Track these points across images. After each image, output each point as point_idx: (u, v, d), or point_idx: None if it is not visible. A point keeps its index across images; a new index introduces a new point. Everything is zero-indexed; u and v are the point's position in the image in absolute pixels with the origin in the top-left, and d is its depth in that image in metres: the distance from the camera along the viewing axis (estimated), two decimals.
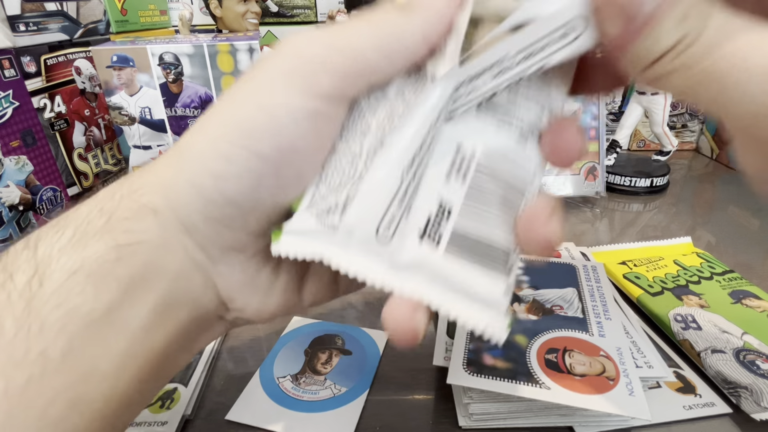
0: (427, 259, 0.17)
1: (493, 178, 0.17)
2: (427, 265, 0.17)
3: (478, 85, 0.17)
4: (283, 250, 0.17)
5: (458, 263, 0.17)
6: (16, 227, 0.41)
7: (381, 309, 0.18)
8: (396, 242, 0.17)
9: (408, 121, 0.17)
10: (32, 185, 0.42)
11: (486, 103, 0.17)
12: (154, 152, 0.45)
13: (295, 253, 0.17)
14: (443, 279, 0.17)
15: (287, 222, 0.18)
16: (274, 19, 0.74)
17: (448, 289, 0.17)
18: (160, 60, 0.42)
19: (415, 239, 0.17)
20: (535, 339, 0.28)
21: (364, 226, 0.17)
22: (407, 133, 0.17)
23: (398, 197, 0.17)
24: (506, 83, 0.16)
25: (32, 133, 0.42)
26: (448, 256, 0.17)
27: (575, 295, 0.32)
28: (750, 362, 0.29)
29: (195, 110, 0.45)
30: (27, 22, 0.43)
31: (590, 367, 0.26)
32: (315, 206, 0.18)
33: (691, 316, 0.34)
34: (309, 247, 0.17)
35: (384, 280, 0.17)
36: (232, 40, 0.43)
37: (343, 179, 0.18)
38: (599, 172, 0.55)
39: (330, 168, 0.18)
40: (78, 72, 0.50)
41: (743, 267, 0.42)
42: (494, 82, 0.17)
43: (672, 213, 0.56)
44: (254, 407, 0.28)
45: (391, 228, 0.17)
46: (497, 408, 0.26)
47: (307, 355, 0.32)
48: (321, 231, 0.17)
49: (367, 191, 0.17)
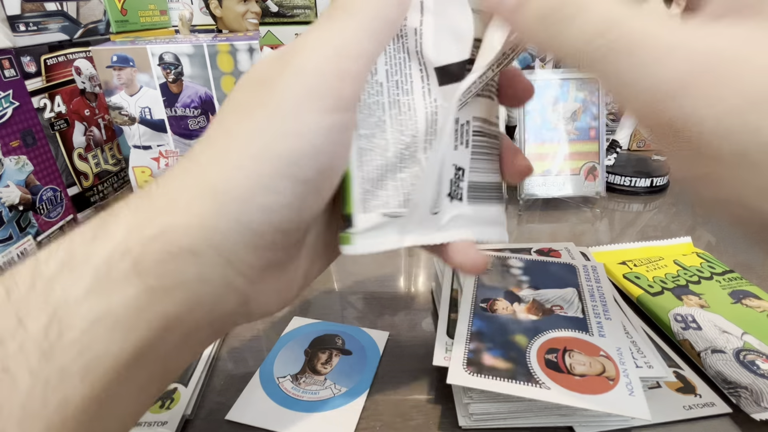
0: (458, 212, 0.23)
1: (483, 136, 0.23)
2: (460, 216, 0.23)
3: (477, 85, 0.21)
4: (362, 250, 0.21)
5: (476, 206, 0.24)
6: (16, 227, 0.41)
7: (381, 309, 0.19)
8: (440, 211, 0.22)
9: (417, 112, 0.20)
10: (32, 185, 0.43)
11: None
12: (154, 152, 0.45)
13: (375, 249, 0.21)
14: (471, 220, 0.23)
15: (352, 227, 0.20)
16: (274, 19, 0.74)
17: (476, 225, 0.24)
18: (160, 60, 0.42)
19: (447, 202, 0.22)
20: (535, 339, 0.28)
21: (422, 209, 0.21)
22: (421, 123, 0.20)
23: (436, 178, 0.21)
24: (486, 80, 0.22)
25: (32, 133, 0.43)
26: (469, 204, 0.23)
27: (575, 295, 0.32)
28: (750, 362, 0.29)
29: (195, 110, 0.45)
30: (27, 22, 0.43)
31: (590, 367, 0.26)
32: (371, 205, 0.21)
33: (691, 316, 0.34)
34: (385, 240, 0.21)
35: (440, 238, 0.22)
36: (232, 40, 0.43)
37: (382, 173, 0.20)
38: (599, 172, 0.55)
39: (363, 166, 0.20)
40: (78, 72, 0.50)
41: (743, 267, 0.42)
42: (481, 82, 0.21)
43: (672, 213, 0.56)
44: (254, 407, 0.28)
45: (437, 203, 0.22)
46: (497, 408, 0.26)
47: (307, 355, 0.32)
48: (388, 223, 0.21)
49: (416, 182, 0.21)
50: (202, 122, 0.45)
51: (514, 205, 0.56)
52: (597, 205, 0.56)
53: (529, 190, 0.55)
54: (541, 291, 0.33)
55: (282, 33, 0.75)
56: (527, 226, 0.53)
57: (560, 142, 0.55)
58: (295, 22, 0.75)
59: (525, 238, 0.50)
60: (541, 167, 0.55)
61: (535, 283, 0.34)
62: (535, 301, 0.32)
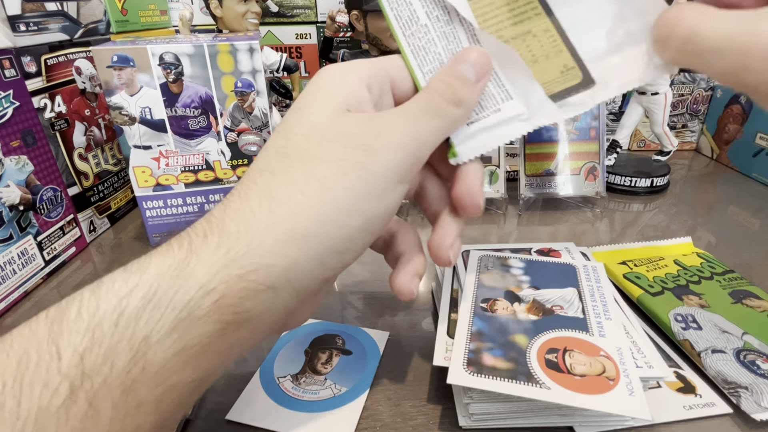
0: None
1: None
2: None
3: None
4: (466, 158, 0.24)
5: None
6: (16, 227, 0.41)
7: (381, 309, 0.20)
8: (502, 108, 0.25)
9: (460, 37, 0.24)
10: (32, 185, 0.43)
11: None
12: (154, 152, 0.45)
13: (476, 154, 0.24)
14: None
15: (453, 139, 0.24)
16: (275, 19, 0.74)
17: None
18: (160, 60, 0.42)
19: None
20: (535, 339, 0.28)
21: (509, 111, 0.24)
22: (464, 43, 0.24)
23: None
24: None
25: (32, 133, 0.43)
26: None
27: (575, 295, 0.32)
28: (750, 362, 0.29)
29: (195, 110, 0.45)
30: (27, 22, 0.43)
31: (590, 367, 0.26)
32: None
33: (691, 316, 0.34)
34: (481, 144, 0.24)
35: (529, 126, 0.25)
36: (233, 40, 0.43)
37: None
38: (599, 172, 0.55)
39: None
40: (78, 72, 0.50)
41: (743, 267, 0.42)
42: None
43: (672, 213, 0.56)
44: (254, 407, 0.28)
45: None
46: (497, 408, 0.26)
47: (308, 355, 0.32)
48: (478, 130, 0.24)
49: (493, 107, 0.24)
50: (202, 122, 0.45)
51: (514, 205, 0.56)
52: (597, 205, 0.56)
53: (529, 190, 0.55)
54: (541, 291, 0.33)
55: (282, 33, 0.75)
56: (527, 226, 0.53)
57: (560, 142, 0.55)
58: (295, 22, 0.75)
59: (525, 238, 0.50)
60: (541, 167, 0.55)
61: (535, 283, 0.34)
62: (536, 301, 0.32)
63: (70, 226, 0.48)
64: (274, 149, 0.21)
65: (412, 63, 0.24)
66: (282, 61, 0.61)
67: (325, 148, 0.20)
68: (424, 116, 0.22)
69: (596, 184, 0.55)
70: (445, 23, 0.24)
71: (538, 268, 0.36)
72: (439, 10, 0.24)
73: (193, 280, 0.17)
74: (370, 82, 0.22)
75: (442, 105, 0.22)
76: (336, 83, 0.22)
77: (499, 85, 0.24)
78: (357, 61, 0.23)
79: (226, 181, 0.49)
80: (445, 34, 0.24)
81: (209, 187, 0.48)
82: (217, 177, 0.48)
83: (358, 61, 0.23)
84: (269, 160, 0.21)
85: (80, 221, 0.49)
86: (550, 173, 0.55)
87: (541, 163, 0.55)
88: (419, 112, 0.22)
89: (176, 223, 0.49)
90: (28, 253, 0.42)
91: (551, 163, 0.55)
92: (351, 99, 0.21)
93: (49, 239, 0.45)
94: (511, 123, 0.24)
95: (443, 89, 0.22)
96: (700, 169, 0.71)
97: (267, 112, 0.47)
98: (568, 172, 0.55)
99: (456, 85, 0.22)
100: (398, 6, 0.24)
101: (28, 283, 0.42)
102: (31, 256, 0.43)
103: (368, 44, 0.63)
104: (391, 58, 0.24)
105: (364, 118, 0.21)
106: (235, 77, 0.44)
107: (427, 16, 0.24)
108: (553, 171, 0.55)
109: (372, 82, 0.22)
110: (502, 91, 0.24)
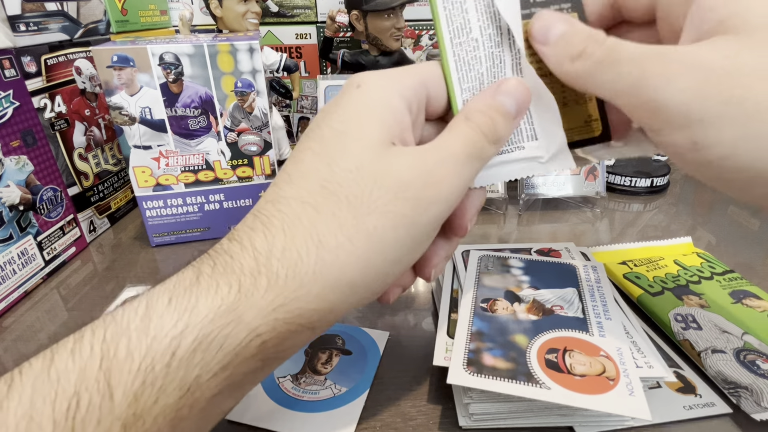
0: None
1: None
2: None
3: None
4: (478, 185, 0.24)
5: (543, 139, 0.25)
6: (16, 227, 0.41)
7: (381, 309, 0.20)
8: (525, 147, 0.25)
9: (505, 64, 0.24)
10: (32, 185, 0.43)
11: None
12: (154, 152, 0.45)
13: (487, 183, 0.24)
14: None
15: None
16: (275, 19, 0.74)
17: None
18: (160, 60, 0.42)
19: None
20: (535, 339, 0.28)
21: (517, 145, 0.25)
22: (508, 72, 0.24)
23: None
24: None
25: (32, 133, 0.43)
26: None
27: (575, 295, 0.32)
28: (750, 362, 0.29)
29: (195, 110, 0.45)
30: (27, 22, 0.43)
31: (590, 367, 0.26)
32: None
33: (691, 316, 0.34)
34: (495, 176, 0.24)
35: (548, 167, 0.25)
36: (233, 40, 0.43)
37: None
38: (599, 172, 0.55)
39: None
40: (78, 72, 0.50)
41: (743, 267, 0.42)
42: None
43: (672, 213, 0.56)
44: (254, 407, 0.28)
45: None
46: (497, 408, 0.26)
47: (307, 355, 0.32)
48: (499, 162, 0.24)
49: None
50: (202, 122, 0.45)
51: (514, 205, 0.56)
52: (597, 205, 0.56)
53: (529, 190, 0.55)
54: (541, 291, 0.33)
55: (282, 33, 0.75)
56: (527, 226, 0.53)
57: None
58: (295, 22, 0.75)
59: (525, 238, 0.50)
60: None
61: (535, 283, 0.34)
62: (536, 301, 0.32)
63: (70, 226, 0.48)
64: (317, 180, 0.20)
65: (453, 76, 0.23)
66: (282, 61, 0.61)
67: (375, 196, 0.19)
68: (469, 162, 0.21)
69: (596, 184, 0.55)
70: (496, 44, 0.23)
71: (538, 268, 0.36)
72: (493, 28, 0.23)
73: (244, 324, 0.18)
74: (410, 101, 0.21)
75: (485, 146, 0.21)
76: (379, 104, 0.21)
77: (528, 122, 0.24)
78: (397, 73, 0.22)
79: (226, 181, 0.49)
80: (493, 55, 0.23)
81: (209, 187, 0.48)
82: (217, 177, 0.48)
83: (398, 72, 0.22)
84: (313, 192, 0.20)
85: (80, 221, 0.49)
86: (550, 173, 0.55)
87: None
88: (464, 156, 0.21)
89: (176, 223, 0.49)
90: (28, 253, 0.42)
91: None
92: (395, 127, 0.21)
93: (49, 239, 0.45)
94: (528, 162, 0.24)
95: (486, 124, 0.21)
96: None
97: (267, 112, 0.47)
98: (568, 172, 0.55)
99: (498, 121, 0.22)
100: (453, 9, 0.22)
101: (28, 283, 0.42)
102: (31, 256, 0.43)
103: (368, 44, 0.63)
104: (429, 69, 0.23)
105: (412, 161, 0.20)
106: (235, 77, 0.44)
107: (480, 30, 0.23)
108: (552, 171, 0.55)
109: (412, 101, 0.22)
110: (530, 128, 0.24)
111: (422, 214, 0.20)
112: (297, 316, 0.19)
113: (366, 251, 0.19)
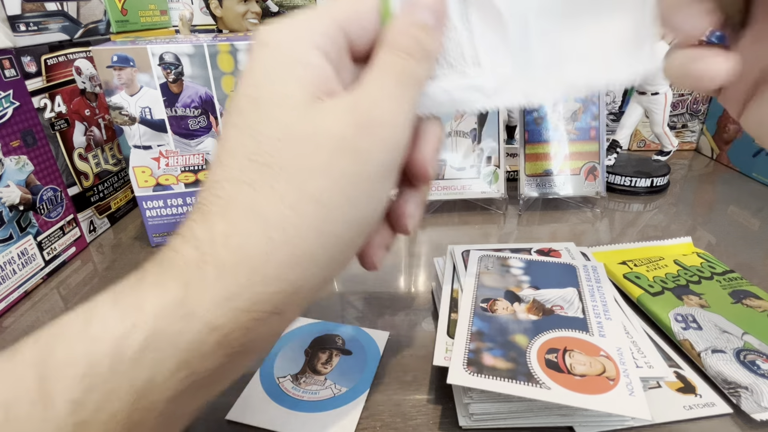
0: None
1: None
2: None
3: None
4: (420, 112, 0.21)
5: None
6: (16, 227, 0.41)
7: (381, 309, 0.19)
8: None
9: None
10: (32, 185, 0.43)
11: None
12: (154, 152, 0.45)
13: (431, 111, 0.21)
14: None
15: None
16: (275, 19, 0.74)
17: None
18: (160, 60, 0.42)
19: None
20: (535, 339, 0.28)
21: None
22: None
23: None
24: None
25: (32, 133, 0.43)
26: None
27: (575, 295, 0.32)
28: (750, 362, 0.29)
29: (195, 110, 0.45)
30: (27, 22, 0.43)
31: (590, 367, 0.26)
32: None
33: (691, 316, 0.34)
34: (437, 104, 0.21)
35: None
36: (233, 40, 0.43)
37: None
38: (599, 172, 0.55)
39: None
40: (78, 72, 0.50)
41: (743, 267, 0.42)
42: None
43: (672, 213, 0.56)
44: (254, 407, 0.28)
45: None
46: (497, 408, 0.26)
47: (308, 355, 0.32)
48: (441, 90, 0.21)
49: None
50: (202, 122, 0.45)
51: (514, 205, 0.56)
52: (597, 205, 0.56)
53: (529, 190, 0.55)
54: (541, 291, 0.33)
55: None
56: (527, 226, 0.53)
57: (560, 142, 0.55)
58: None
59: (525, 238, 0.50)
60: (542, 167, 0.55)
61: (535, 283, 0.34)
62: (536, 301, 0.32)
63: (70, 226, 0.48)
64: (244, 155, 0.18)
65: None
66: None
67: (309, 157, 0.18)
68: (401, 90, 0.19)
69: (596, 184, 0.55)
70: None
71: (538, 268, 0.36)
72: None
73: (196, 319, 0.16)
74: (327, 49, 0.19)
75: (413, 66, 0.19)
76: (292, 61, 0.18)
77: (470, 44, 0.20)
78: (307, 20, 0.19)
79: None
80: None
81: None
82: None
83: (307, 19, 0.19)
84: (244, 169, 0.18)
85: (80, 221, 0.49)
86: (550, 173, 0.55)
87: (541, 163, 0.55)
88: (395, 86, 0.19)
89: (176, 223, 0.49)
90: (28, 253, 0.42)
91: (551, 163, 0.55)
92: (315, 81, 0.18)
93: (49, 239, 0.45)
94: (470, 92, 0.21)
95: (408, 44, 0.19)
96: (700, 169, 0.71)
97: None
98: (568, 172, 0.55)
99: (420, 36, 0.19)
100: None
101: (28, 283, 0.42)
102: (31, 256, 0.43)
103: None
104: (343, 7, 0.20)
105: (341, 111, 0.18)
106: (235, 77, 0.44)
107: None
108: (553, 171, 0.55)
109: (329, 49, 0.19)
110: (471, 52, 0.20)
111: (366, 164, 0.18)
112: (257, 303, 0.17)
113: (315, 219, 0.17)
